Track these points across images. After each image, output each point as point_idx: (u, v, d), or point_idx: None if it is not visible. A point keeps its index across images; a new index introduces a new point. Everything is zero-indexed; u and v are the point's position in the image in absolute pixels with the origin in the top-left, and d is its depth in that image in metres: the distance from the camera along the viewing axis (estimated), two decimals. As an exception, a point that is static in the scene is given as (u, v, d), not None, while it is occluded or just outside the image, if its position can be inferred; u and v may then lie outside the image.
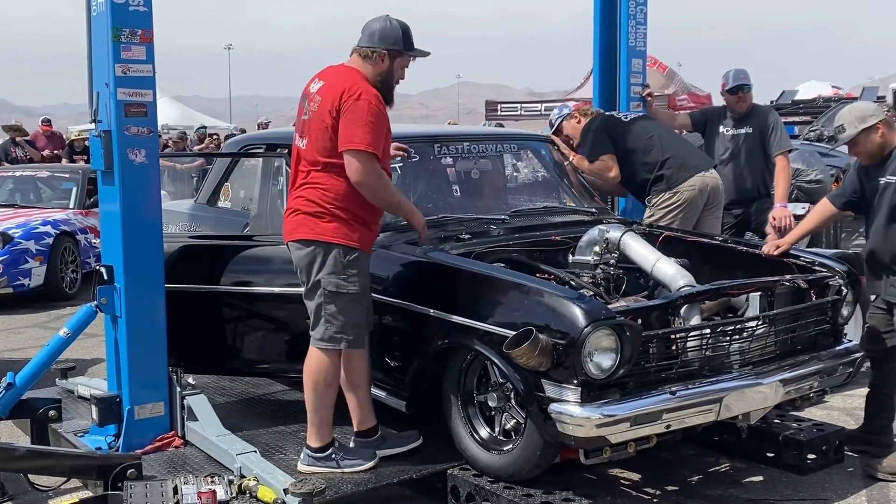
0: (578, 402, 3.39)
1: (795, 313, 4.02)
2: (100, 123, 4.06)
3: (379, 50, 3.77)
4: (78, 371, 5.59)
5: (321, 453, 3.89)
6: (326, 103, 3.70)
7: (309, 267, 3.78)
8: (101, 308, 4.17)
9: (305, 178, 3.80)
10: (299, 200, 3.80)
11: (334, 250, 3.73)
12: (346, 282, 3.74)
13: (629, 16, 5.95)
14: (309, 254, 3.77)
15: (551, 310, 3.50)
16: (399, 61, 3.83)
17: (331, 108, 3.67)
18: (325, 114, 3.69)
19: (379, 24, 3.80)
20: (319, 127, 3.72)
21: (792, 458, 4.26)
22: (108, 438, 4.22)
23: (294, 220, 3.82)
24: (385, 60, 3.79)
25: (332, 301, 3.75)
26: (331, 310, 3.76)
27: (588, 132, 5.59)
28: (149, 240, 4.14)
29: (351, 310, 3.78)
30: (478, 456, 3.90)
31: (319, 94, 3.77)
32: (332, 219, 3.74)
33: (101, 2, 3.97)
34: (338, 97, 3.67)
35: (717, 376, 3.73)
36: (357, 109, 3.63)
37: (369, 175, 3.65)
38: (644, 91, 6.11)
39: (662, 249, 4.35)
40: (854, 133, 4.30)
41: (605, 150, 5.51)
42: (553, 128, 5.78)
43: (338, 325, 3.77)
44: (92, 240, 9.72)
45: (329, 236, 3.73)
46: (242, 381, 5.21)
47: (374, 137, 3.63)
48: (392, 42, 3.78)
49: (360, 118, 3.62)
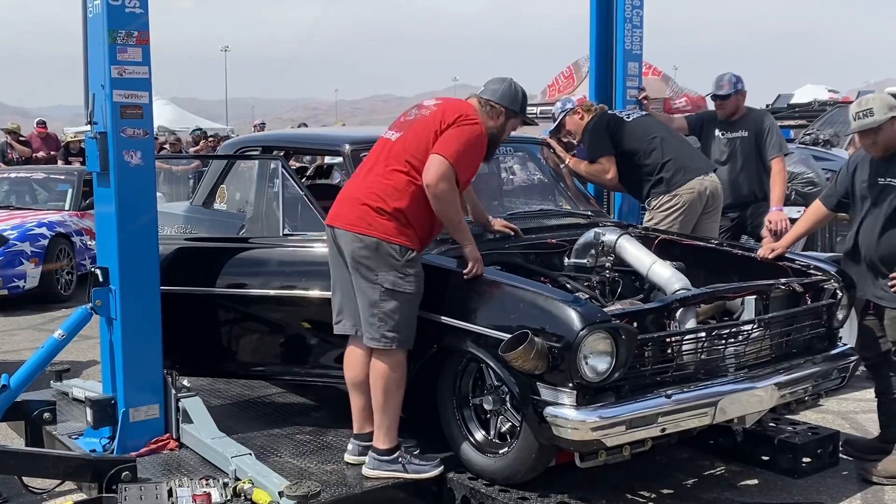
0: (574, 405, 3.39)
1: (791, 317, 4.03)
2: (95, 125, 4.05)
3: (497, 106, 3.91)
4: (73, 373, 5.58)
5: (388, 456, 3.86)
6: (442, 114, 3.83)
7: (366, 260, 3.77)
8: (96, 310, 4.16)
9: (382, 170, 3.82)
10: (368, 192, 3.81)
11: (393, 248, 3.75)
12: (403, 281, 3.76)
13: (625, 19, 5.96)
14: (366, 248, 3.77)
15: (547, 313, 3.50)
16: (511, 122, 3.99)
17: (443, 119, 3.80)
18: (437, 121, 3.81)
19: (503, 84, 3.97)
20: (423, 128, 3.82)
21: (787, 462, 4.27)
22: (103, 441, 4.21)
23: (355, 210, 3.82)
24: (501, 117, 3.94)
25: (390, 299, 3.76)
26: (386, 307, 3.76)
27: (588, 131, 5.58)
28: (144, 242, 4.13)
29: (405, 310, 3.78)
30: (473, 459, 3.90)
31: (436, 106, 3.91)
32: (392, 218, 3.76)
33: (98, 3, 3.96)
34: (456, 114, 3.81)
35: (713, 380, 3.73)
36: (465, 132, 3.77)
37: (442, 181, 3.69)
38: (640, 94, 6.12)
39: (658, 253, 4.35)
40: (882, 119, 4.19)
41: (605, 152, 5.50)
42: (556, 122, 5.75)
43: (391, 323, 3.77)
44: (87, 242, 9.70)
45: (388, 234, 3.75)
46: (238, 383, 5.20)
47: (464, 160, 3.75)
48: (510, 102, 3.94)
49: (463, 139, 3.75)
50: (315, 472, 3.96)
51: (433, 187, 3.69)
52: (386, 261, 3.75)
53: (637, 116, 5.70)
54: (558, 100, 5.84)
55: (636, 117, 5.68)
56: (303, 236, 4.52)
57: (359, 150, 4.56)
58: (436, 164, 3.70)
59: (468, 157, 3.78)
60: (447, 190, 3.70)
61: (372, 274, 3.76)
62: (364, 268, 3.78)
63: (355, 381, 4.00)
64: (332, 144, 5.01)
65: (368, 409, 3.98)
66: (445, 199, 3.72)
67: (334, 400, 4.83)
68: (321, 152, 7.02)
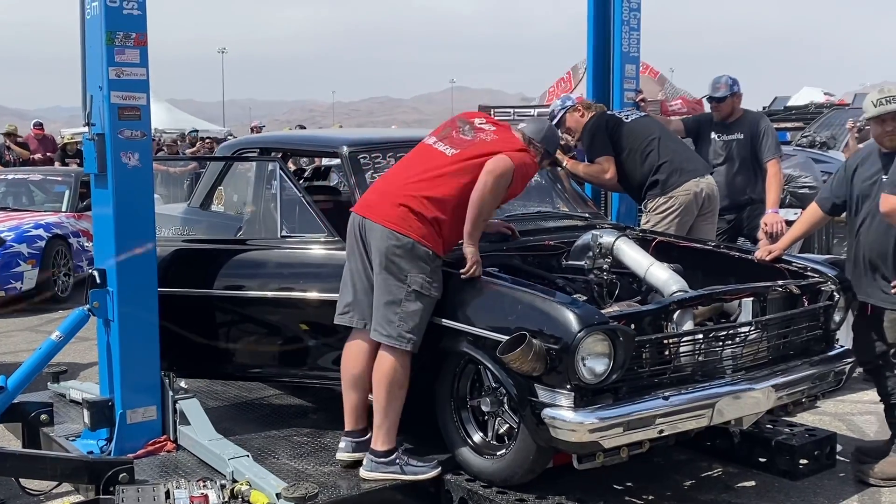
0: (572, 406, 3.39)
1: (788, 319, 4.03)
2: (93, 127, 4.05)
3: (538, 145, 4.11)
4: (70, 375, 5.58)
5: (386, 458, 3.87)
6: (506, 142, 4.01)
7: (398, 259, 3.81)
8: (93, 312, 4.16)
9: (430, 179, 3.89)
10: (409, 195, 3.86)
11: (426, 251, 3.81)
12: (430, 285, 3.81)
13: (622, 21, 5.96)
14: (402, 247, 3.80)
15: (545, 314, 3.50)
16: (546, 161, 4.28)
17: (500, 148, 3.93)
18: (500, 146, 3.95)
19: (546, 126, 4.30)
20: (483, 150, 3.93)
21: (784, 464, 4.27)
22: (100, 442, 4.20)
23: (395, 210, 3.86)
24: (538, 156, 4.13)
25: (415, 300, 3.79)
26: (410, 308, 3.79)
27: (587, 131, 5.57)
28: (141, 243, 4.12)
29: (424, 313, 3.81)
30: (471, 461, 3.90)
31: (496, 133, 4.07)
32: (430, 224, 3.82)
33: (95, 5, 3.96)
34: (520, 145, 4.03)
35: (710, 381, 3.73)
36: (528, 157, 4.02)
37: (501, 177, 3.83)
38: (637, 97, 6.13)
39: (655, 255, 4.35)
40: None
41: (603, 152, 5.49)
42: (555, 119, 5.72)
43: (411, 324, 3.79)
44: (84, 243, 9.69)
45: (424, 238, 3.81)
46: (235, 385, 5.20)
47: (520, 177, 3.93)
48: (549, 144, 4.19)
49: (528, 160, 4.00)
50: (312, 473, 3.96)
51: (490, 175, 3.80)
52: (418, 263, 3.79)
53: (636, 117, 5.69)
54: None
55: (635, 118, 5.68)
56: (301, 238, 4.52)
57: (357, 151, 4.57)
58: (504, 161, 3.85)
59: (523, 177, 3.98)
60: (499, 186, 3.83)
61: (402, 274, 3.80)
62: (395, 266, 3.81)
63: (354, 377, 3.99)
64: (330, 146, 5.01)
65: (363, 406, 4.00)
66: (493, 193, 3.83)
67: (332, 402, 4.82)
68: (319, 154, 7.03)
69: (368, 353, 3.94)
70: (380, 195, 3.98)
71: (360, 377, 3.97)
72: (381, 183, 4.12)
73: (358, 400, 4.00)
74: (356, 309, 3.97)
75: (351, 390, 4.01)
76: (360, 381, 3.97)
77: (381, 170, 4.57)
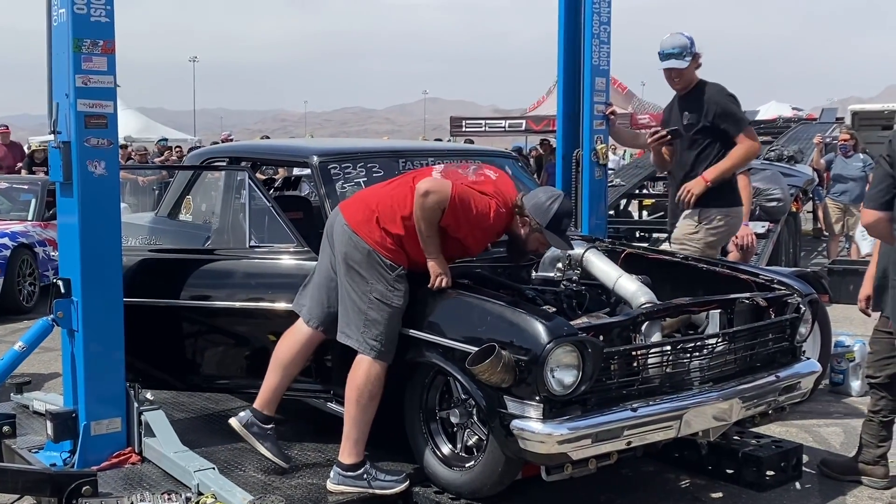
0: (540, 418, 3.40)
1: (754, 331, 4.06)
2: (59, 134, 4.01)
3: (525, 215, 3.93)
4: (34, 386, 5.50)
5: (353, 471, 3.85)
6: (487, 184, 3.90)
7: (358, 266, 3.83)
8: (57, 322, 4.11)
9: (407, 192, 3.85)
10: (382, 204, 3.88)
11: (383, 261, 3.81)
12: (392, 294, 3.80)
13: (593, 35, 6.00)
14: (358, 252, 3.83)
15: (514, 326, 3.51)
16: (537, 235, 3.96)
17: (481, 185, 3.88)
18: (477, 181, 3.88)
19: (544, 198, 3.95)
20: (463, 177, 3.89)
21: (751, 475, 4.30)
22: (64, 454, 4.15)
23: (363, 212, 3.89)
24: (526, 226, 3.95)
25: (378, 308, 3.79)
26: (372, 316, 3.79)
27: (729, 94, 5.18)
28: (107, 253, 4.08)
29: (389, 323, 3.80)
30: (439, 472, 3.89)
31: (492, 176, 3.98)
32: (389, 235, 3.83)
33: (63, 12, 3.92)
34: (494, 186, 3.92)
35: (678, 393, 3.75)
36: (484, 200, 3.83)
37: (433, 195, 3.71)
38: (607, 109, 6.16)
39: (624, 266, 4.37)
40: None
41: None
42: (688, 54, 5.09)
43: (375, 332, 3.79)
44: (50, 252, 9.57)
45: (382, 248, 3.82)
46: (201, 396, 5.15)
47: (464, 212, 3.76)
48: (538, 216, 3.91)
49: (477, 198, 3.81)
50: (279, 486, 3.93)
51: (421, 195, 3.73)
52: (377, 271, 3.80)
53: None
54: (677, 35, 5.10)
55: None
56: (269, 248, 4.50)
57: (327, 161, 4.55)
58: (439, 182, 3.77)
59: (469, 212, 3.78)
60: (426, 205, 3.73)
61: (364, 282, 3.81)
62: (356, 273, 3.83)
63: (281, 361, 4.06)
64: (300, 156, 4.99)
65: (278, 392, 4.09)
66: (422, 211, 3.75)
67: (299, 414, 4.80)
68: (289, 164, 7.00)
69: (303, 343, 4.04)
70: (360, 198, 4.03)
71: (288, 363, 4.05)
72: (370, 187, 4.17)
73: (276, 384, 4.08)
74: (307, 301, 4.06)
75: (273, 372, 4.08)
76: (286, 367, 4.05)
77: (351, 180, 4.56)
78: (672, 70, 5.11)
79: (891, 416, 4.33)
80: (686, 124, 5.12)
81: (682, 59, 5.07)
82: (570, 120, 6.25)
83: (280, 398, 4.15)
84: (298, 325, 4.08)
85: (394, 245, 3.84)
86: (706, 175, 4.97)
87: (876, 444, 4.34)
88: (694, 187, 4.98)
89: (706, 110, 5.03)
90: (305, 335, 4.04)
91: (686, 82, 5.15)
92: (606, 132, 6.14)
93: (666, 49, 5.09)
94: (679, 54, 5.07)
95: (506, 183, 4.04)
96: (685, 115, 5.13)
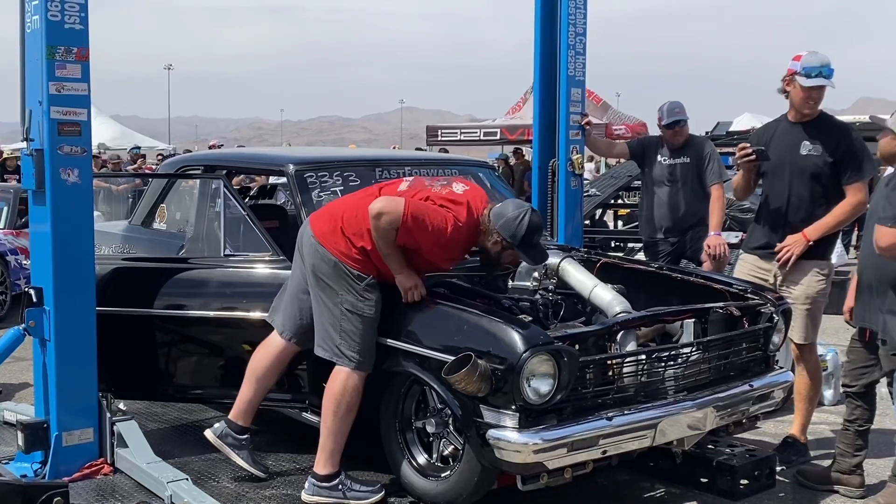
0: (516, 427, 3.40)
1: (728, 340, 4.09)
2: (32, 142, 3.98)
3: (494, 234, 3.82)
4: (5, 396, 5.45)
5: (328, 482, 3.83)
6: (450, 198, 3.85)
7: (326, 278, 3.83)
8: (29, 331, 4.07)
9: (368, 199, 3.85)
10: (351, 218, 3.85)
11: (350, 271, 3.80)
12: (363, 304, 3.79)
13: (569, 46, 6.03)
14: (325, 263, 3.83)
15: (490, 335, 3.51)
16: (508, 252, 3.88)
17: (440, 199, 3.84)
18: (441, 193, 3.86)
19: (513, 214, 3.82)
20: (426, 191, 3.86)
21: (725, 484, 4.32)
22: (35, 465, 4.11)
23: (330, 223, 3.88)
24: (498, 245, 3.85)
25: (349, 319, 3.78)
26: (346, 327, 3.79)
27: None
28: (80, 261, 4.05)
29: (365, 332, 3.80)
30: (415, 483, 3.88)
31: (463, 185, 3.97)
32: (354, 247, 3.81)
33: (36, 18, 3.90)
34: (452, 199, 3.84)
35: (653, 402, 3.77)
36: (440, 212, 3.77)
37: (385, 216, 3.68)
38: (583, 120, 6.20)
39: (600, 276, 4.39)
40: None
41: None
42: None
43: (350, 343, 3.78)
44: (22, 261, 9.45)
45: (348, 259, 3.81)
46: (175, 407, 5.12)
47: (420, 227, 3.70)
48: (508, 234, 3.80)
49: (433, 212, 3.75)
50: (253, 497, 3.91)
51: (374, 217, 3.71)
52: (346, 282, 3.80)
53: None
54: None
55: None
56: (244, 257, 4.48)
57: (303, 170, 4.54)
58: (392, 202, 3.73)
59: (424, 229, 3.72)
60: (380, 226, 3.70)
61: (334, 294, 3.81)
62: (325, 285, 3.83)
63: (256, 372, 4.06)
64: (277, 164, 4.97)
65: (253, 404, 4.09)
66: (380, 231, 3.72)
67: (273, 424, 4.77)
68: (266, 172, 6.97)
69: (277, 355, 4.05)
70: (329, 208, 4.04)
71: (262, 375, 4.05)
72: (340, 199, 4.16)
73: (251, 396, 4.08)
74: (280, 313, 4.06)
75: (248, 383, 4.08)
76: (260, 379, 4.06)
77: (327, 189, 4.55)
78: (820, 90, 4.52)
79: (866, 425, 4.35)
80: (805, 154, 4.57)
81: (831, 79, 4.53)
82: (546, 130, 6.28)
83: (255, 409, 4.14)
84: (273, 337, 4.07)
85: (360, 255, 3.81)
86: (808, 234, 4.53)
87: (851, 454, 4.36)
88: (794, 247, 4.54)
89: (836, 145, 4.53)
90: (279, 347, 4.04)
91: (818, 110, 4.63)
92: (582, 142, 6.18)
93: (818, 66, 4.49)
94: (831, 74, 4.52)
95: (474, 196, 3.94)
96: (804, 143, 4.57)
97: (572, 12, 5.99)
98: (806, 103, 4.56)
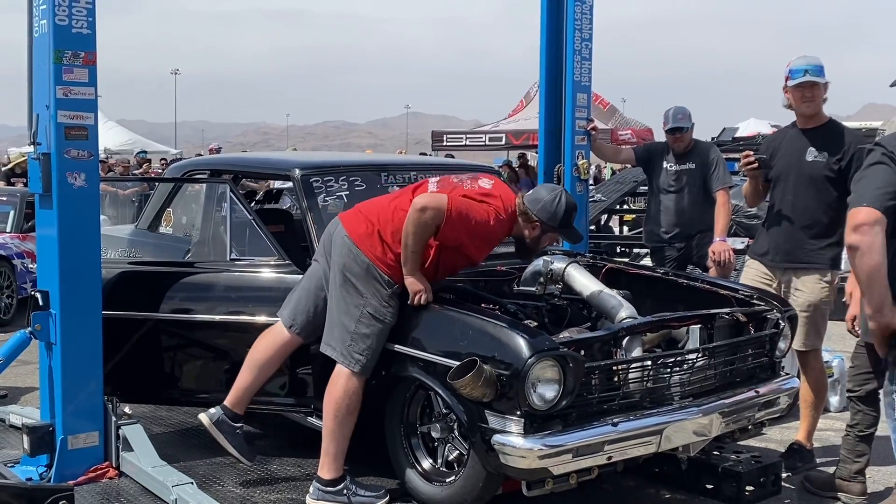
0: (521, 433, 3.39)
1: (734, 346, 4.08)
2: (39, 146, 3.98)
3: (532, 216, 3.88)
4: (10, 399, 5.46)
5: (333, 487, 3.83)
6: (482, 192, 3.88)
7: (355, 279, 3.82)
8: (35, 334, 4.07)
9: (402, 206, 3.86)
10: (383, 219, 3.87)
11: (382, 276, 3.81)
12: (385, 309, 3.80)
13: (575, 51, 6.03)
14: (357, 265, 3.83)
15: (495, 340, 3.51)
16: (549, 235, 3.98)
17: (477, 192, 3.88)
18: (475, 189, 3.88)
19: (548, 196, 3.91)
20: (459, 188, 3.87)
21: (730, 490, 4.30)
22: (40, 469, 4.11)
23: (365, 225, 3.88)
24: (536, 229, 3.93)
25: (369, 323, 3.78)
26: (362, 330, 3.78)
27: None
28: (86, 265, 4.05)
29: (377, 338, 3.80)
30: (420, 488, 3.87)
31: (488, 185, 3.95)
32: (389, 251, 3.81)
33: (44, 23, 3.91)
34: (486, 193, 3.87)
35: (659, 408, 3.75)
36: (481, 207, 3.80)
37: (429, 211, 3.69)
38: (589, 125, 6.20)
39: (606, 281, 4.39)
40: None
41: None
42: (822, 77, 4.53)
43: (362, 346, 3.78)
44: (29, 265, 9.48)
45: (381, 262, 3.81)
46: (180, 410, 5.12)
47: (463, 221, 3.73)
48: (548, 217, 3.88)
49: (475, 207, 3.78)
50: (258, 501, 3.91)
51: (418, 210, 3.71)
52: (374, 286, 3.80)
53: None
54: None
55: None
56: (250, 261, 4.48)
57: (309, 175, 4.55)
58: (434, 199, 3.74)
59: (468, 223, 3.76)
60: (421, 221, 3.71)
61: (359, 296, 3.81)
62: (352, 286, 3.83)
63: (257, 361, 4.05)
64: (283, 169, 4.98)
65: (250, 392, 4.08)
66: (415, 226, 3.72)
67: (278, 428, 4.78)
68: (271, 177, 6.99)
69: (280, 346, 4.04)
70: (362, 210, 4.02)
71: (263, 364, 4.05)
72: (371, 200, 4.15)
73: (249, 384, 4.07)
74: (291, 305, 4.04)
75: (248, 372, 4.07)
76: (260, 368, 4.05)
77: (333, 193, 4.55)
78: (810, 85, 4.47)
79: (868, 430, 4.33)
80: (811, 161, 4.52)
81: (821, 77, 4.49)
82: (552, 135, 6.28)
83: (251, 398, 4.11)
84: (277, 328, 4.06)
85: (394, 262, 3.82)
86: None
87: (853, 459, 4.34)
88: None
89: (844, 153, 4.46)
90: (284, 338, 4.03)
91: (817, 109, 4.57)
92: (588, 148, 6.18)
93: (804, 66, 4.48)
94: (819, 72, 4.49)
95: (502, 189, 4.02)
96: (810, 150, 4.53)
97: (578, 18, 5.99)
98: (801, 103, 4.54)
